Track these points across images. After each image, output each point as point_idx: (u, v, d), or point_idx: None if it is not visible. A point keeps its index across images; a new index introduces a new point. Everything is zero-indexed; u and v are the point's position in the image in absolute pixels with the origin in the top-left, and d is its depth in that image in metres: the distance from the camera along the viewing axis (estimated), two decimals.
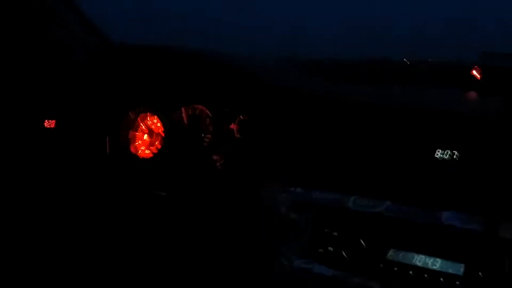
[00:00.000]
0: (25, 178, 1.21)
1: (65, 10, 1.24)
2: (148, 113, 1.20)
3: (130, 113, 1.21)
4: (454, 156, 0.93)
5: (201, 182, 1.17)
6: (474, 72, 1.23)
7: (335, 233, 0.93)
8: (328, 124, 1.03)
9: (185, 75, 1.24)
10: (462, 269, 0.85)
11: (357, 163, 0.98)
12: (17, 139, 1.21)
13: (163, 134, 1.16)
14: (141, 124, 1.20)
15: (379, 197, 0.91)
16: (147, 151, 1.18)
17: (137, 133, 1.20)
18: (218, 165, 1.19)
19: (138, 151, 1.19)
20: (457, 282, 0.84)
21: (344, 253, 0.91)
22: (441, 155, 0.94)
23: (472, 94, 1.22)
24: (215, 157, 1.20)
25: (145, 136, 1.19)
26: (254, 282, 1.02)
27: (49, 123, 1.21)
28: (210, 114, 1.23)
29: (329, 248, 0.93)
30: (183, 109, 1.26)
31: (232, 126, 1.20)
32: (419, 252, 0.87)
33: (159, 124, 1.17)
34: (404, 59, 1.68)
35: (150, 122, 1.20)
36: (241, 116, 1.19)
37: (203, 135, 1.23)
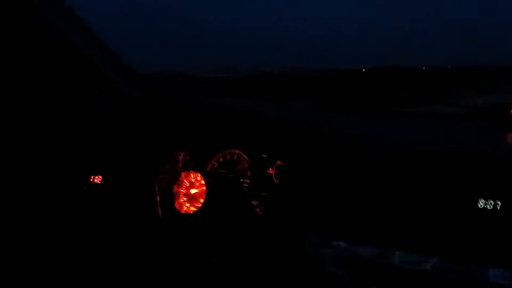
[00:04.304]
0: (74, 231, 1.24)
1: (102, 63, 1.26)
2: (191, 171, 1.22)
3: (174, 167, 1.24)
4: (497, 206, 0.92)
5: (242, 229, 1.19)
6: None
7: None
8: (371, 174, 1.03)
9: (222, 124, 1.26)
10: None
11: (401, 216, 0.98)
12: (65, 194, 1.25)
13: (204, 189, 1.18)
14: (185, 180, 1.23)
15: (425, 253, 0.91)
16: (192, 208, 1.20)
17: (180, 189, 1.23)
18: (258, 210, 1.21)
19: (183, 208, 1.21)
20: None
21: None
22: (484, 205, 0.94)
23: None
24: (254, 203, 1.21)
25: (192, 191, 1.21)
26: None
27: (95, 179, 1.24)
28: (247, 159, 1.25)
29: None
30: (221, 154, 1.29)
31: (270, 171, 1.22)
32: None
33: (202, 182, 1.19)
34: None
35: (194, 179, 1.22)
36: (278, 161, 1.21)
37: (241, 180, 1.24)
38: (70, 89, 1.21)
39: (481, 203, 0.93)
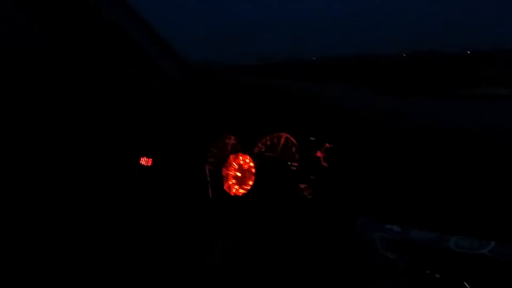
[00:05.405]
0: (123, 213, 1.27)
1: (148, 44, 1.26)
2: (240, 153, 1.22)
3: (222, 150, 1.25)
4: None
5: (291, 212, 1.18)
6: None
7: (437, 275, 0.91)
8: (424, 158, 1.00)
9: (269, 106, 1.25)
10: None
11: (456, 201, 0.94)
12: (116, 176, 1.28)
13: (253, 171, 1.18)
14: (233, 163, 1.23)
15: (483, 238, 0.88)
16: (240, 190, 1.21)
17: (229, 172, 1.23)
18: (306, 194, 1.20)
19: (232, 190, 1.22)
20: None
21: None
22: None
23: None
24: (302, 186, 1.20)
25: (241, 173, 1.22)
26: None
27: (146, 161, 1.26)
28: (295, 142, 1.24)
29: None
30: (268, 137, 1.28)
31: (318, 154, 1.20)
32: None
33: (251, 164, 1.19)
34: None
35: (242, 161, 1.22)
36: (327, 144, 1.19)
37: (289, 163, 1.24)
38: (122, 73, 1.22)
39: None
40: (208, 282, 1.18)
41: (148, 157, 1.29)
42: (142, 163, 1.30)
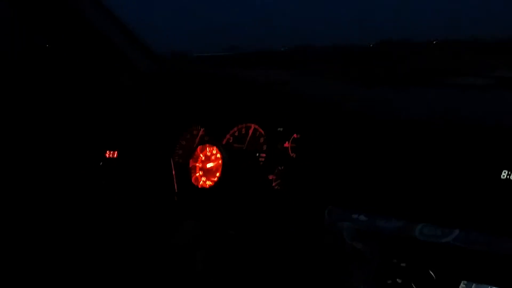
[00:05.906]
0: (89, 206, 1.25)
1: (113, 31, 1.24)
2: (207, 144, 1.21)
3: (190, 142, 1.23)
4: None
5: (259, 203, 1.18)
6: None
7: (403, 264, 0.92)
8: (392, 147, 1.01)
9: (237, 96, 1.24)
10: None
11: (422, 189, 0.96)
12: (81, 169, 1.25)
13: (220, 163, 1.17)
14: (201, 154, 1.22)
15: (447, 226, 0.90)
16: (208, 182, 1.20)
17: (197, 164, 1.22)
18: (275, 185, 1.19)
19: (200, 182, 1.21)
20: None
21: (413, 285, 0.90)
22: (508, 176, 0.91)
23: None
24: (270, 177, 1.20)
25: (208, 165, 1.21)
26: None
27: (111, 154, 1.24)
28: (263, 133, 1.23)
29: (398, 279, 0.92)
30: (236, 128, 1.27)
31: (286, 144, 1.20)
32: (493, 283, 0.86)
33: (218, 155, 1.18)
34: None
35: (210, 152, 1.21)
36: (295, 135, 1.19)
37: (257, 154, 1.23)
38: (88, 64, 1.20)
39: (504, 174, 0.91)
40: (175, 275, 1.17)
41: (114, 149, 1.26)
42: (107, 155, 1.27)
